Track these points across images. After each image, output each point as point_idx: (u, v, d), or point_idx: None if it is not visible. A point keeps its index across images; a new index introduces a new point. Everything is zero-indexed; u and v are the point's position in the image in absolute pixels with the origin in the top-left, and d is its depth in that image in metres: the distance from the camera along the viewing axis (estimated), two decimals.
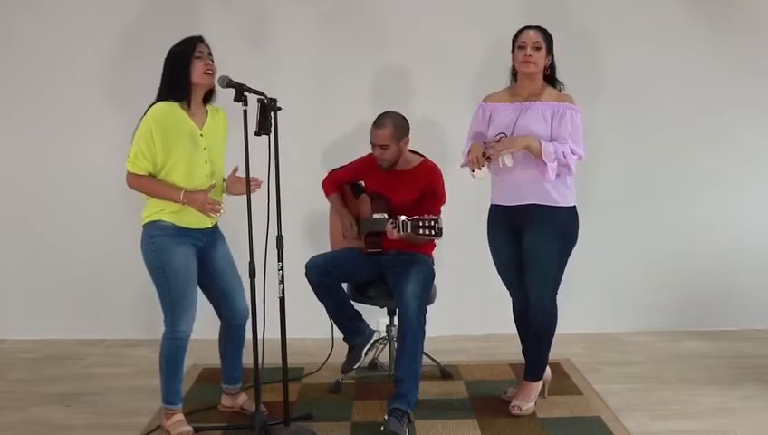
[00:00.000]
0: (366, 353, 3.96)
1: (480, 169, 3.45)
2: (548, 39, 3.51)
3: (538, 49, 3.47)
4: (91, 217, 4.79)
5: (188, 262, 3.30)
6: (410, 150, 3.90)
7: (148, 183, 3.26)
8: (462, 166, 3.61)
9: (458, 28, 4.71)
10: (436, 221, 3.41)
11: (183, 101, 3.29)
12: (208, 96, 3.39)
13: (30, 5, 4.71)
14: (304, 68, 4.73)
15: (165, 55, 3.31)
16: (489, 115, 3.60)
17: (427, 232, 3.41)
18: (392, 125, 3.76)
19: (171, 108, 3.27)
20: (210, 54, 3.31)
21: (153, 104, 3.28)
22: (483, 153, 3.47)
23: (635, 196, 4.85)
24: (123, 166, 3.26)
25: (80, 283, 4.83)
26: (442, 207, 3.83)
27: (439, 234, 3.41)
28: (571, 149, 3.41)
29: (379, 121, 3.78)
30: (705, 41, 4.78)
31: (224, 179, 3.47)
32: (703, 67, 4.79)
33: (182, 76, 3.26)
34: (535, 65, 3.48)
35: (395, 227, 3.50)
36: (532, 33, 3.50)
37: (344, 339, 3.96)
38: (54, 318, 4.86)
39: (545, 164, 3.38)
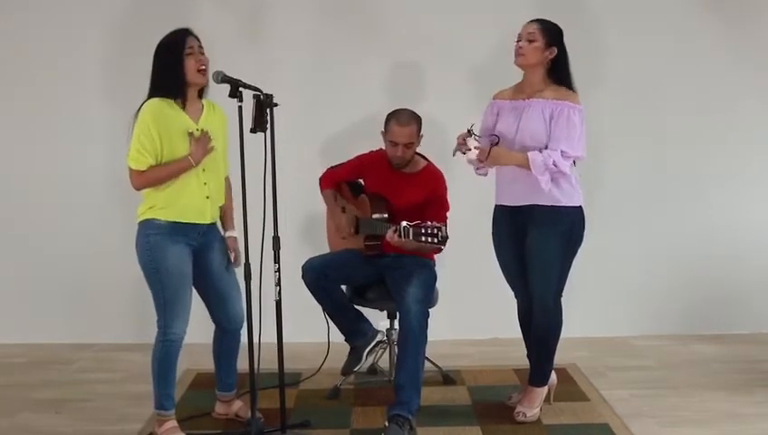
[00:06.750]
0: (367, 355, 3.86)
1: (471, 148, 3.32)
2: (549, 32, 3.40)
3: (531, 41, 3.39)
4: (79, 219, 4.72)
5: (183, 262, 3.24)
6: None
7: (154, 172, 3.17)
8: (453, 154, 3.49)
9: (460, 23, 4.64)
10: (440, 229, 3.26)
11: (177, 99, 3.21)
12: (203, 90, 3.32)
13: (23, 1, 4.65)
14: (302, 64, 4.67)
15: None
16: (497, 112, 3.56)
17: (429, 240, 3.27)
18: (416, 122, 3.66)
19: (166, 102, 3.20)
20: (201, 48, 3.22)
21: (145, 102, 3.20)
22: (466, 133, 3.36)
23: (643, 196, 4.79)
24: (114, 167, 3.25)
25: (69, 285, 4.76)
26: (447, 214, 3.72)
27: (443, 242, 3.27)
28: (563, 153, 3.32)
29: (404, 119, 3.64)
30: (716, 38, 4.71)
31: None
32: (711, 67, 4.72)
33: (174, 75, 3.18)
34: (525, 57, 3.41)
35: (395, 232, 3.40)
36: (529, 25, 3.43)
37: (345, 340, 3.88)
38: (43, 321, 4.78)
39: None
